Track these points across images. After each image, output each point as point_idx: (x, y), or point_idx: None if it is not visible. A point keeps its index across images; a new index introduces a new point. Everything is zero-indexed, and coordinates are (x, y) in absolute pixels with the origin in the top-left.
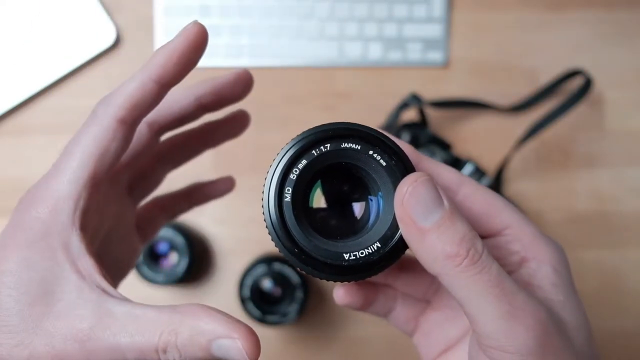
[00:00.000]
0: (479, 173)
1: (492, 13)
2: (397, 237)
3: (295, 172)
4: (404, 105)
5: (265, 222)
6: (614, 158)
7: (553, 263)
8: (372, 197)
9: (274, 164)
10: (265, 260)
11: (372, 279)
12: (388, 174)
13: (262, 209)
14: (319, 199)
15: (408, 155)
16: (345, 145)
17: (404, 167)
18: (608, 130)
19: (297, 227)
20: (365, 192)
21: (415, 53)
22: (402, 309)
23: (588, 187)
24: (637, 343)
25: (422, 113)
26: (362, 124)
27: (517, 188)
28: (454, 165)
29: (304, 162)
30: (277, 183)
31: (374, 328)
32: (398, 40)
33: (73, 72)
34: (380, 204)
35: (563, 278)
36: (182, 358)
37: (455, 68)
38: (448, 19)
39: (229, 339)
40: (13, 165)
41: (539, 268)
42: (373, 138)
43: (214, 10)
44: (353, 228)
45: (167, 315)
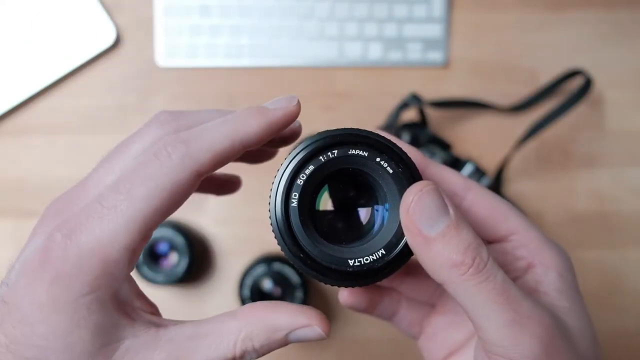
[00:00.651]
0: (479, 173)
1: (492, 13)
2: (401, 244)
3: (303, 177)
4: (404, 105)
5: (272, 226)
6: (614, 158)
7: (559, 269)
8: (378, 204)
9: (282, 169)
10: (265, 260)
11: (377, 283)
12: (395, 182)
13: (268, 213)
14: (326, 204)
15: (415, 161)
16: (353, 152)
17: (411, 174)
18: (608, 130)
19: (303, 232)
20: (372, 198)
21: (415, 53)
22: (406, 313)
23: (588, 187)
24: (637, 343)
25: (422, 113)
26: (370, 130)
27: (517, 188)
28: (454, 166)
29: (311, 167)
30: (284, 188)
31: (374, 329)
32: (398, 40)
33: (73, 72)
34: (386, 211)
35: (568, 284)
36: (258, 356)
37: (455, 68)
38: (448, 19)
39: (308, 328)
40: (13, 165)
41: (545, 274)
42: (381, 145)
43: (214, 10)
44: (358, 234)
45: (233, 324)
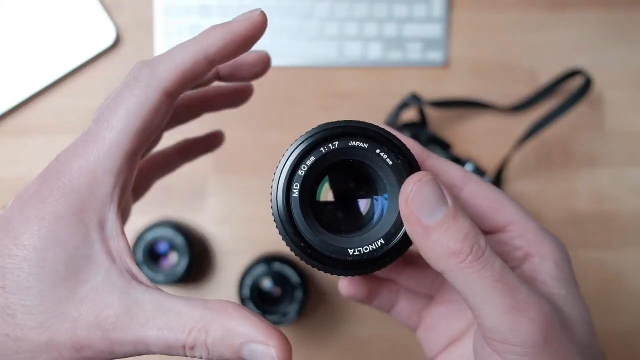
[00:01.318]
0: (479, 173)
1: (492, 13)
2: (400, 234)
3: (304, 168)
4: (404, 105)
5: (274, 216)
6: (614, 158)
7: (555, 259)
8: (378, 195)
9: (283, 160)
10: (265, 260)
11: (376, 274)
12: (394, 173)
13: (270, 211)
14: (326, 195)
15: (415, 153)
16: (353, 144)
17: (410, 166)
18: (608, 130)
19: (304, 222)
20: (372, 189)
21: (415, 53)
22: (405, 304)
23: (588, 187)
24: (637, 343)
25: (422, 113)
26: (370, 123)
27: (517, 188)
28: None
29: (313, 159)
30: (285, 179)
31: (374, 328)
32: (398, 40)
33: (73, 72)
34: (386, 202)
35: (565, 273)
36: (209, 356)
37: (455, 68)
38: (448, 19)
39: (264, 345)
40: (13, 165)
41: (542, 263)
42: (381, 137)
43: (214, 10)
44: (358, 224)
45: (198, 311)
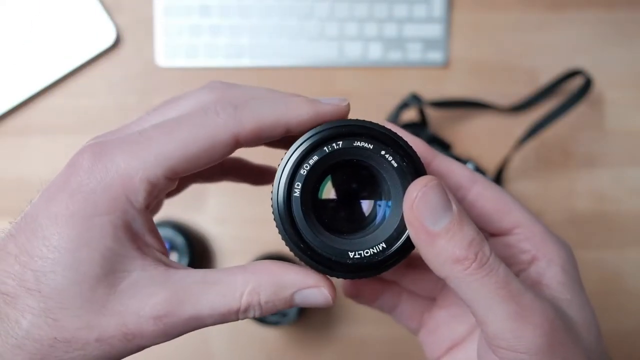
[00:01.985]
0: (479, 173)
1: (492, 13)
2: (403, 238)
3: (306, 167)
4: (404, 105)
5: (273, 215)
6: (614, 158)
7: (562, 262)
8: (381, 197)
9: (285, 158)
10: None
11: (378, 276)
12: (398, 175)
13: (270, 209)
14: (328, 195)
15: (421, 153)
16: (358, 144)
17: (415, 169)
18: (608, 130)
19: (304, 222)
20: (374, 191)
21: (415, 53)
22: (407, 306)
23: (588, 187)
24: (637, 343)
25: (422, 113)
26: (376, 122)
27: (517, 188)
28: None
29: (315, 158)
30: (287, 177)
31: (374, 328)
32: (398, 40)
33: (73, 72)
34: (389, 205)
35: (571, 277)
36: (262, 313)
37: (455, 68)
38: (448, 19)
39: (315, 288)
40: (13, 165)
41: (549, 267)
42: (386, 138)
43: (214, 10)
44: (360, 225)
45: (241, 276)
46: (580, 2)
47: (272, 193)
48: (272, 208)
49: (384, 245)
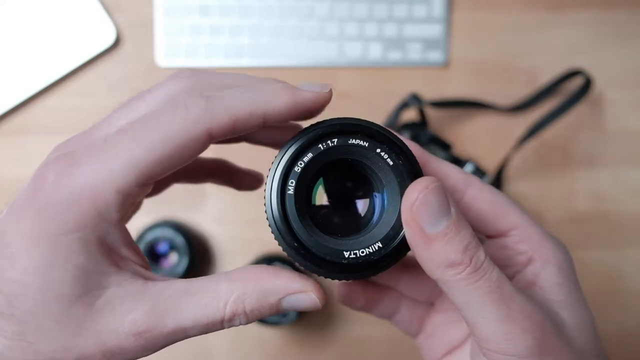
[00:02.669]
0: (479, 173)
1: (492, 13)
2: (399, 238)
3: (300, 165)
4: (404, 105)
5: (266, 214)
6: (614, 158)
7: (558, 263)
8: (376, 194)
9: (279, 155)
10: (265, 260)
11: (374, 280)
12: (394, 174)
13: (264, 200)
14: (323, 195)
15: (416, 155)
16: (353, 142)
17: (411, 167)
18: (608, 130)
19: (298, 221)
20: (370, 190)
21: (415, 53)
22: (406, 311)
23: (588, 187)
24: (637, 343)
25: (422, 113)
26: (371, 121)
27: (517, 188)
28: None
29: (310, 155)
30: (280, 175)
31: (374, 328)
32: (398, 40)
33: (73, 72)
34: (385, 203)
35: (567, 277)
36: (248, 321)
37: (455, 68)
38: (448, 19)
39: (303, 294)
40: (13, 165)
41: (544, 268)
42: (381, 136)
43: (214, 10)
44: (355, 226)
45: (225, 284)
46: (580, 2)
47: (265, 191)
48: (264, 206)
49: (380, 245)
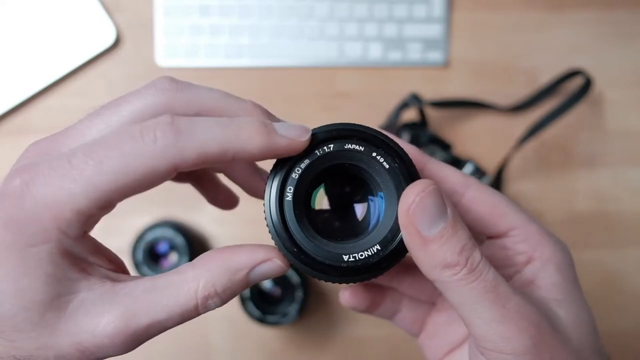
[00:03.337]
0: (479, 173)
1: (492, 13)
2: (397, 240)
3: (298, 171)
4: (404, 105)
5: (266, 220)
6: (614, 158)
7: (557, 262)
8: (373, 197)
9: (277, 162)
10: None
11: (376, 281)
12: (391, 177)
13: (263, 207)
14: (321, 200)
15: (413, 158)
16: (349, 147)
17: (407, 170)
18: (608, 130)
19: (297, 226)
20: (368, 193)
21: (415, 53)
22: (407, 311)
23: (588, 187)
24: (637, 343)
25: (422, 113)
26: (366, 126)
27: (517, 188)
28: (454, 165)
29: (307, 161)
30: (279, 181)
31: (374, 328)
32: (398, 40)
33: (73, 72)
34: (382, 206)
35: (566, 276)
36: (223, 302)
37: (455, 68)
38: (448, 19)
39: (268, 262)
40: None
41: (543, 267)
42: (377, 140)
43: (214, 10)
44: (354, 230)
45: (191, 273)
46: (580, 2)
47: (264, 198)
48: (264, 213)
49: (379, 247)
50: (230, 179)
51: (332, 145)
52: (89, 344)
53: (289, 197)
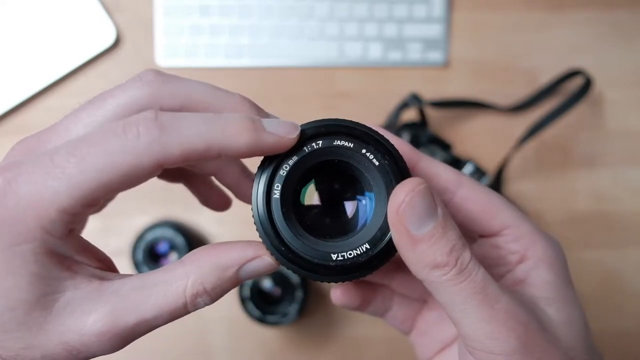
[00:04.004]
0: (479, 173)
1: (492, 13)
2: (387, 239)
3: (285, 168)
4: (404, 105)
5: (254, 218)
6: (614, 158)
7: (549, 260)
8: (363, 195)
9: (264, 159)
10: None
11: (367, 279)
12: (381, 174)
13: (250, 205)
14: (311, 195)
15: (406, 155)
16: (338, 143)
17: (398, 168)
18: (608, 130)
19: (285, 224)
20: (358, 191)
21: (415, 53)
22: (398, 309)
23: (588, 187)
24: (637, 343)
25: (422, 113)
26: (356, 122)
27: (517, 188)
28: (454, 165)
29: (295, 158)
30: (266, 179)
31: (374, 328)
32: (398, 40)
33: (73, 72)
34: (372, 204)
35: (557, 275)
36: (212, 300)
37: (455, 68)
38: (448, 19)
39: (257, 260)
40: None
41: (535, 266)
42: (367, 136)
43: (214, 10)
44: (343, 228)
45: (180, 271)
46: (580, 2)
47: (251, 196)
48: (252, 211)
49: (368, 246)
50: (221, 183)
51: (320, 142)
52: (76, 343)
53: (277, 194)
